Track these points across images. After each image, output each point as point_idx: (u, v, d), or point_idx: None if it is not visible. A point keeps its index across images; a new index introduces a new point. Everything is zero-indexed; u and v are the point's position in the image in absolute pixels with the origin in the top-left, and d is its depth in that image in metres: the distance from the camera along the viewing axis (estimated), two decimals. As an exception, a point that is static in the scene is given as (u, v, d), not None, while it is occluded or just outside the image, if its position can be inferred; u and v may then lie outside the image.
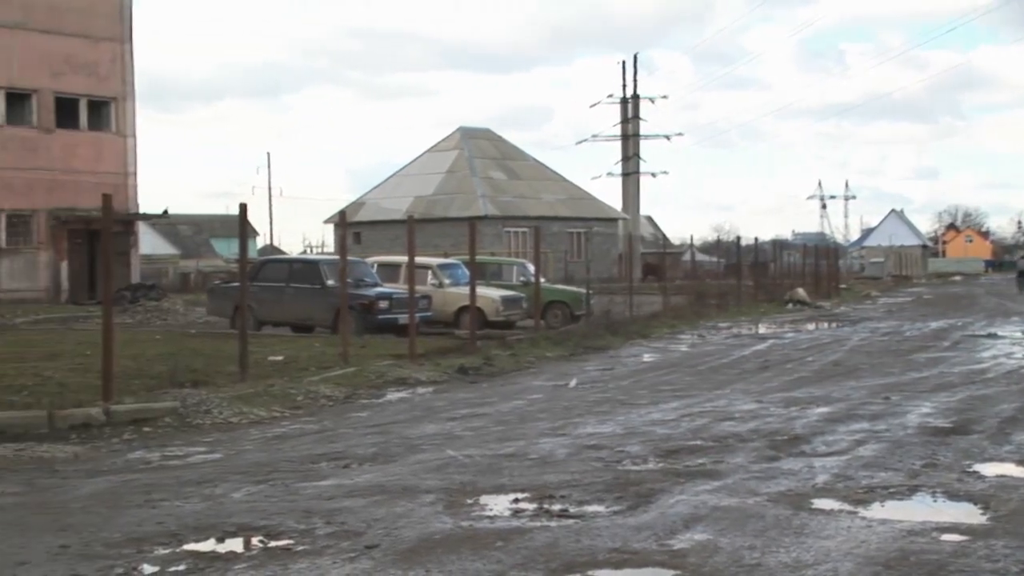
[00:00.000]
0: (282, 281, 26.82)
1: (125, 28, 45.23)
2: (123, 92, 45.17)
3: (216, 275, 55.22)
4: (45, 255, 42.64)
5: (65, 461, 10.91)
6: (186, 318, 33.01)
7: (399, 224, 52.81)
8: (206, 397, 14.26)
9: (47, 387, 14.99)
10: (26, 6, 41.93)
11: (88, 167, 43.15)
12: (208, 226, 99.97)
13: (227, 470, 10.24)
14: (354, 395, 16.11)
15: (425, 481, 9.46)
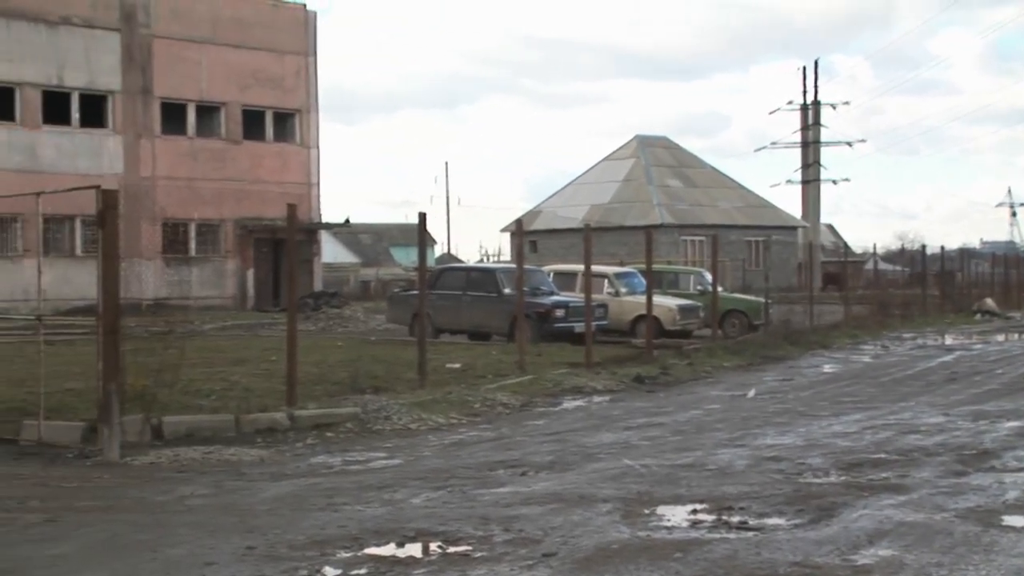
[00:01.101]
0: (459, 289, 27.08)
1: (309, 42, 46.40)
2: (307, 104, 46.34)
3: (395, 283, 56.15)
4: (232, 263, 43.96)
5: (251, 464, 11.18)
6: (366, 325, 33.61)
7: (575, 232, 52.84)
8: (386, 403, 14.46)
9: (234, 392, 15.40)
10: (214, 22, 43.34)
11: (273, 177, 44.36)
12: (388, 235, 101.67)
13: (406, 475, 10.36)
14: (530, 403, 16.16)
15: (602, 490, 9.41)
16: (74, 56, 40.11)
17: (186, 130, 43.31)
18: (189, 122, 43.36)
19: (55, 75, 39.72)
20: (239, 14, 44.17)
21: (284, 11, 45.93)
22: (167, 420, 12.54)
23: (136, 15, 41.58)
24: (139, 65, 41.69)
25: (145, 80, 41.89)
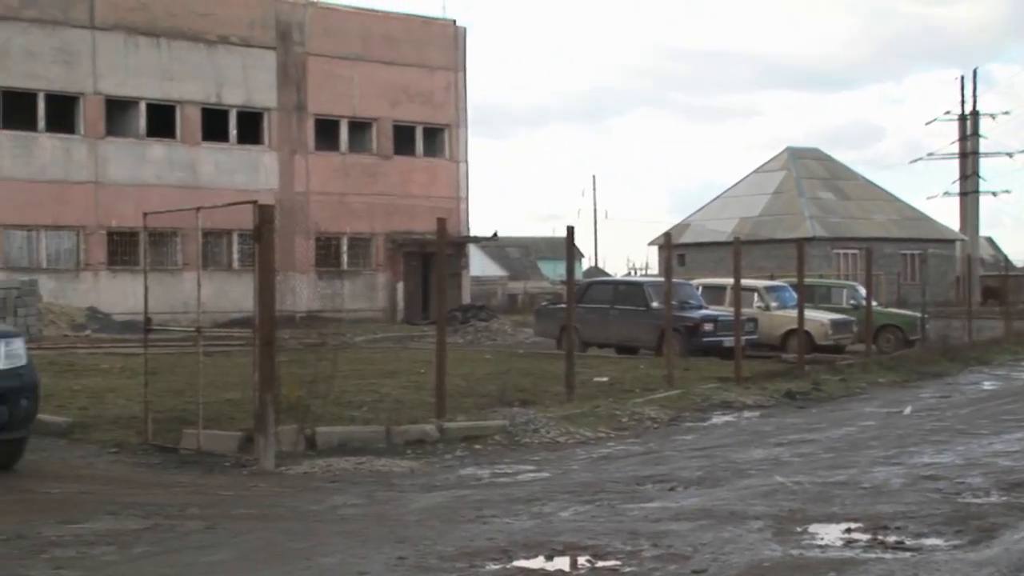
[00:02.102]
0: (607, 303, 27.04)
1: (459, 57, 46.92)
2: (456, 119, 46.84)
3: (543, 296, 56.28)
4: (383, 276, 44.60)
5: (401, 475, 11.31)
6: (514, 338, 33.76)
7: (724, 246, 52.36)
8: (534, 416, 14.49)
9: (385, 403, 15.60)
10: (366, 39, 44.10)
11: (423, 192, 44.91)
12: (535, 248, 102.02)
13: (555, 489, 10.37)
14: (679, 417, 16.04)
15: (753, 507, 9.29)
16: (232, 74, 41.20)
17: (339, 146, 44.12)
18: (341, 138, 44.17)
19: (214, 93, 40.84)
20: (390, 31, 44.87)
21: (434, 27, 46.51)
22: (320, 431, 12.75)
23: (291, 34, 42.54)
24: (294, 82, 42.63)
25: (299, 97, 42.81)
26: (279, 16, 42.32)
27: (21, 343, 11.00)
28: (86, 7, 37.98)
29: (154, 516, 9.14)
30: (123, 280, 37.48)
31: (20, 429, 10.82)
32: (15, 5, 36.63)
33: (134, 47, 38.98)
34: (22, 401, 10.67)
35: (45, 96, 37.42)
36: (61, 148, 37.87)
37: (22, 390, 10.70)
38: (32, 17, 36.92)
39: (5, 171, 36.58)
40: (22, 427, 10.85)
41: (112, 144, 38.82)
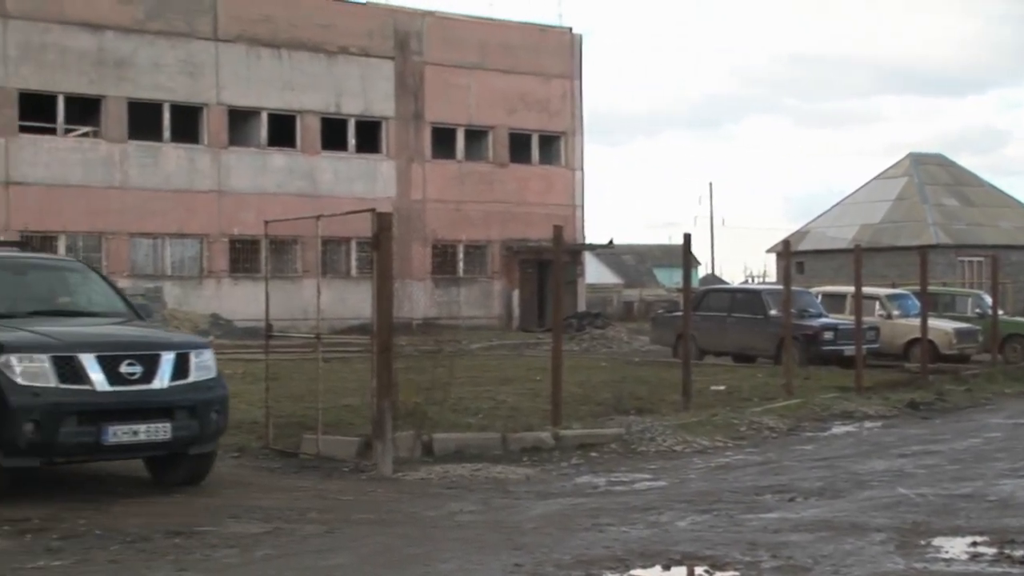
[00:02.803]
0: (724, 311, 26.82)
1: (575, 65, 46.94)
2: (572, 127, 46.84)
3: (659, 304, 55.99)
4: (498, 284, 44.76)
5: (517, 482, 11.33)
6: (630, 346, 33.65)
7: (844, 253, 51.54)
8: (650, 424, 14.42)
9: (501, 410, 15.65)
10: (482, 48, 44.33)
11: (539, 199, 44.98)
12: (651, 255, 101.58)
13: (671, 498, 10.31)
14: (798, 427, 15.83)
15: (874, 519, 9.13)
16: (351, 84, 41.70)
17: (455, 154, 44.39)
18: (458, 146, 44.44)
19: (333, 103, 41.37)
20: (507, 39, 45.06)
21: (551, 35, 46.58)
22: (437, 437, 12.84)
23: (409, 43, 42.94)
24: (411, 91, 43.02)
25: (417, 106, 43.18)
26: (397, 26, 42.75)
27: (210, 354, 10.81)
28: (210, 19, 38.78)
29: (275, 520, 9.29)
30: (244, 287, 38.15)
31: (210, 443, 10.68)
32: (141, 18, 37.53)
33: (256, 58, 39.68)
34: (212, 415, 10.48)
35: (170, 107, 38.25)
36: (185, 158, 38.67)
37: (212, 403, 10.50)
38: (158, 30, 37.79)
39: (132, 181, 37.47)
40: (211, 441, 10.71)
41: (234, 154, 39.55)
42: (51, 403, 9.66)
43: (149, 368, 10.13)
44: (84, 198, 36.20)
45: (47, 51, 35.89)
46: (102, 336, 10.51)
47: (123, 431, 9.90)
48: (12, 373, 9.66)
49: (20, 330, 10.15)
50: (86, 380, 9.82)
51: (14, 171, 35.42)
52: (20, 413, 9.56)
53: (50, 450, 9.80)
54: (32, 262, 12.33)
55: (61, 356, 9.83)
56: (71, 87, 36.49)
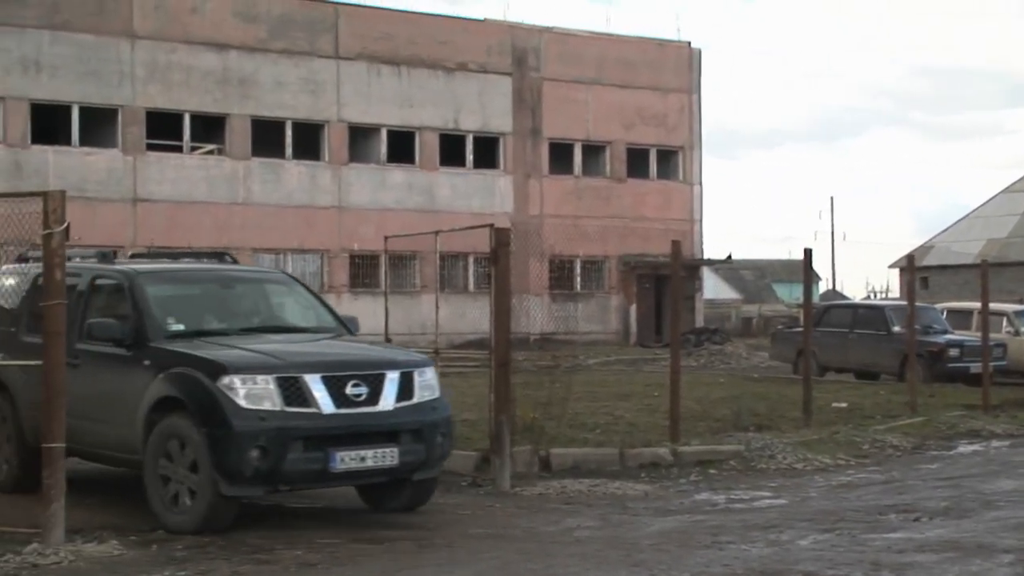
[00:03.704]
0: (846, 327, 26.43)
1: (693, 79, 46.71)
2: (690, 141, 46.60)
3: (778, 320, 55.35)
4: (616, 299, 44.65)
5: (636, 498, 11.26)
6: (748, 362, 33.31)
7: (970, 268, 50.47)
8: (770, 441, 14.25)
9: (618, 426, 15.58)
10: (600, 63, 44.33)
11: (656, 214, 44.78)
12: (770, 271, 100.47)
13: (792, 516, 10.16)
14: (922, 445, 15.51)
15: (1003, 540, 8.91)
16: (469, 100, 42.00)
17: (572, 169, 44.43)
18: (575, 161, 44.48)
19: (452, 119, 41.71)
20: (625, 55, 45.00)
21: (669, 50, 46.41)
22: (554, 452, 12.83)
23: (527, 59, 43.12)
24: (529, 107, 43.18)
25: (534, 122, 43.32)
26: (515, 42, 42.96)
27: (433, 372, 10.19)
28: (331, 38, 39.38)
29: (395, 533, 9.35)
30: (364, 302, 38.56)
31: (435, 468, 10.08)
32: (264, 37, 38.25)
33: (376, 75, 40.19)
34: (438, 438, 9.83)
35: (292, 124, 38.91)
36: (307, 174, 39.28)
37: (438, 425, 9.85)
38: (280, 48, 38.48)
39: (255, 197, 38.17)
40: (436, 466, 10.11)
41: (354, 170, 40.06)
42: (278, 428, 9.09)
43: (374, 389, 9.52)
44: (209, 214, 36.96)
45: (173, 71, 36.76)
46: (325, 355, 10.00)
47: (350, 457, 9.28)
48: (235, 395, 9.13)
49: (240, 349, 9.70)
50: (312, 403, 9.24)
51: (141, 188, 36.33)
52: (245, 438, 9.01)
53: (276, 478, 9.23)
54: (238, 275, 11.75)
55: (286, 377, 9.27)
56: (196, 105, 37.33)
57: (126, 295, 10.35)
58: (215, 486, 9.09)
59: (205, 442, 9.10)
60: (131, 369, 9.90)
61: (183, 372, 9.45)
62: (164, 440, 9.43)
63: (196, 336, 10.10)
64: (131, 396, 9.75)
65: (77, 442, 9.83)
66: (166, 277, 11.04)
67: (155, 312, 10.20)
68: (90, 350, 10.30)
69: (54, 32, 34.93)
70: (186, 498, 9.30)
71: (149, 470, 9.52)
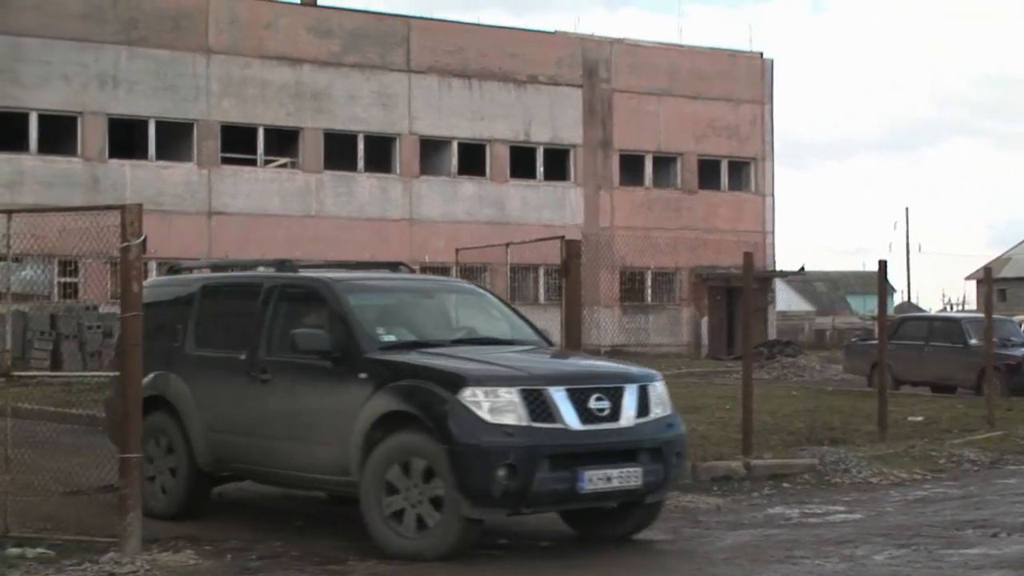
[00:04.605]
0: (921, 339, 26.09)
1: (766, 90, 46.44)
2: (762, 152, 46.33)
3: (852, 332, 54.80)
4: (687, 311, 44.44)
5: (707, 512, 11.19)
6: (822, 375, 32.97)
7: (1048, 280, 49.69)
8: (844, 455, 14.09)
9: (690, 439, 15.36)
10: (672, 74, 44.23)
11: (728, 226, 44.56)
12: (844, 282, 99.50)
13: (867, 531, 10.05)
14: (1000, 460, 15.25)
15: (1085, 558, 8.73)
16: (539, 112, 42.07)
17: (643, 181, 44.34)
18: (646, 173, 44.38)
19: (522, 131, 41.80)
20: (696, 66, 44.86)
21: (741, 60, 46.20)
22: (625, 465, 12.75)
23: (598, 71, 43.12)
24: (600, 119, 43.17)
25: (605, 133, 43.30)
26: (586, 54, 42.98)
27: (664, 387, 9.58)
28: (403, 52, 39.64)
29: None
30: (435, 313, 38.72)
31: (667, 490, 9.57)
32: (337, 51, 38.59)
33: (447, 88, 40.39)
34: (674, 457, 9.25)
35: (364, 137, 39.22)
36: (378, 187, 39.55)
37: (675, 444, 9.30)
38: (353, 62, 38.80)
39: (327, 209, 38.50)
40: (669, 488, 9.60)
41: (425, 182, 40.27)
42: (527, 445, 8.42)
43: (615, 403, 8.90)
44: (282, 227, 37.29)
45: (247, 85, 37.21)
46: (566, 366, 9.51)
47: (597, 477, 8.63)
48: (479, 409, 8.46)
49: (475, 360, 9.04)
50: (557, 417, 8.60)
51: (216, 201, 36.78)
52: (493, 456, 8.33)
53: (523, 499, 8.51)
54: (431, 285, 11.30)
55: (530, 390, 8.61)
56: (270, 119, 37.76)
57: (325, 305, 9.65)
58: (459, 508, 8.43)
59: (447, 460, 8.41)
60: (342, 383, 9.13)
61: (415, 385, 8.74)
62: (393, 459, 8.70)
63: (411, 347, 9.42)
64: (343, 412, 9.03)
65: (263, 464, 9.59)
66: (364, 286, 10.26)
67: (363, 322, 9.48)
68: (284, 362, 9.62)
69: (131, 48, 35.52)
70: (427, 520, 8.59)
71: (370, 492, 8.78)
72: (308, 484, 9.85)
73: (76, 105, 34.95)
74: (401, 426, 8.73)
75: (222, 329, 10.48)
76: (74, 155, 35.12)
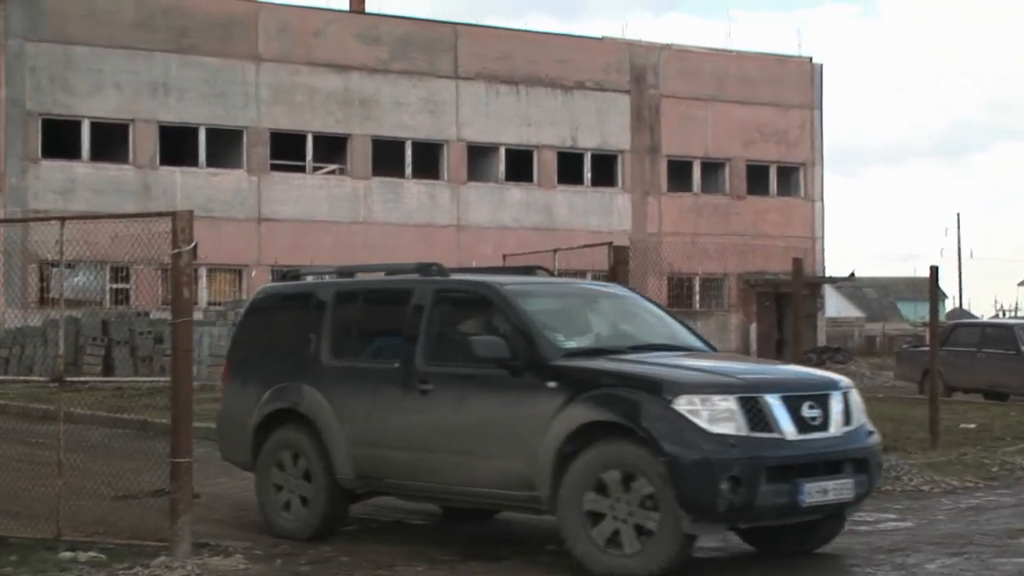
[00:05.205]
0: (974, 346, 25.84)
1: (815, 95, 46.19)
2: (811, 158, 46.06)
3: (903, 339, 54.40)
4: (735, 317, 44.24)
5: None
6: (872, 382, 32.72)
7: (1103, 286, 49.06)
8: (895, 463, 13.94)
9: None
10: (720, 79, 44.07)
11: (777, 232, 44.32)
12: (894, 289, 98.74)
13: (919, 539, 9.95)
14: (1056, 468, 15.06)
15: None
16: (587, 118, 42.04)
17: (691, 186, 44.20)
18: (694, 178, 44.24)
19: (569, 137, 41.78)
20: (744, 71, 44.68)
21: (790, 65, 45.98)
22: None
23: (646, 77, 43.04)
24: (647, 125, 43.08)
25: (653, 139, 43.20)
26: (634, 60, 42.91)
27: (858, 395, 9.15)
28: (451, 58, 39.75)
29: (507, 549, 9.34)
30: (483, 319, 38.77)
31: (863, 503, 9.10)
32: (385, 58, 38.75)
33: (495, 95, 40.45)
34: (875, 468, 8.86)
35: (412, 144, 39.34)
36: (426, 193, 39.66)
37: (876, 454, 8.92)
38: (401, 69, 38.95)
39: (375, 216, 38.64)
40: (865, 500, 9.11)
41: (473, 189, 40.34)
42: (750, 456, 7.97)
43: (824, 412, 8.49)
44: (330, 233, 37.47)
45: (296, 92, 37.43)
46: (776, 373, 9.06)
47: (816, 489, 8.22)
48: (698, 418, 7.98)
49: (683, 368, 8.64)
50: (774, 427, 8.16)
51: (266, 207, 37.01)
52: (718, 468, 7.85)
53: (746, 514, 8.05)
54: (592, 289, 10.69)
55: (746, 398, 8.16)
56: (319, 126, 37.96)
57: (494, 311, 9.08)
58: (679, 523, 7.92)
59: (666, 473, 7.89)
60: (526, 393, 8.57)
61: (619, 393, 8.21)
62: (595, 472, 8.17)
63: (594, 354, 8.91)
64: (527, 423, 8.48)
65: (423, 479, 9.09)
66: (532, 291, 9.60)
67: (543, 328, 8.95)
68: (449, 372, 9.09)
69: (182, 56, 35.83)
70: (637, 536, 8.05)
71: (568, 507, 8.24)
72: (477, 499, 9.21)
73: (127, 113, 35.29)
74: (603, 437, 8.20)
75: (365, 338, 9.96)
76: (126, 162, 35.47)
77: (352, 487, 9.62)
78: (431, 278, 9.67)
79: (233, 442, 10.41)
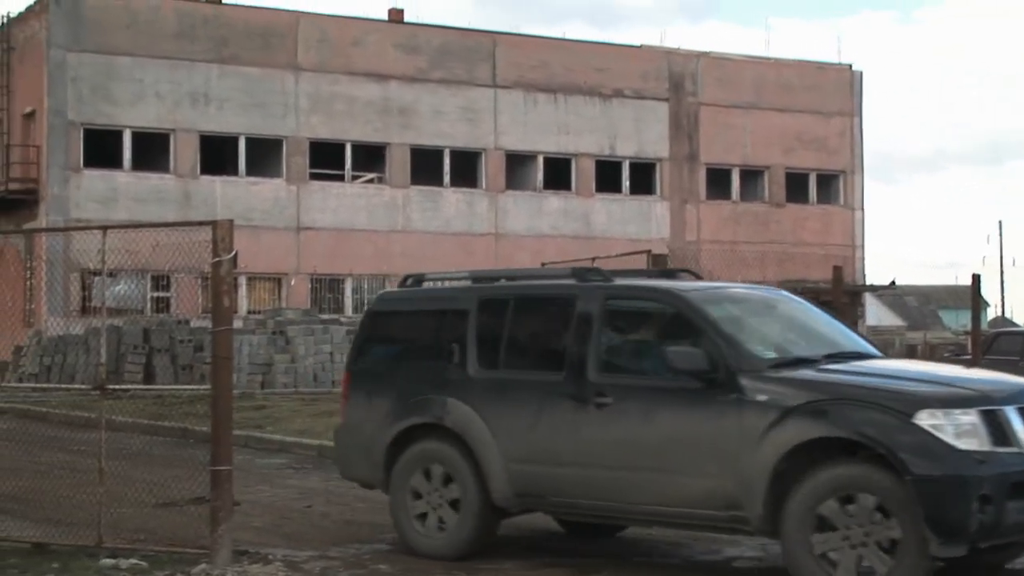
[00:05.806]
0: (1016, 355, 25.50)
1: (855, 102, 45.96)
2: (851, 165, 45.82)
3: (944, 347, 53.92)
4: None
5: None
6: (914, 390, 32.44)
7: None
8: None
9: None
10: (759, 87, 43.92)
11: (816, 240, 44.11)
12: (935, 297, 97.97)
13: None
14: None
15: None
16: (625, 127, 41.99)
17: (730, 194, 44.07)
18: (733, 186, 44.10)
19: (607, 145, 41.75)
20: (783, 78, 44.53)
21: (829, 73, 45.78)
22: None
23: (684, 85, 42.96)
24: (686, 133, 42.99)
25: (691, 147, 43.10)
26: (672, 68, 42.85)
27: None
28: (489, 67, 39.81)
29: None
30: (521, 328, 38.76)
31: None
32: (424, 67, 38.85)
33: (533, 103, 40.48)
34: None
35: (450, 152, 39.43)
36: (464, 201, 39.72)
37: None
38: (440, 78, 39.04)
39: (414, 224, 38.73)
40: None
41: (511, 197, 40.37)
42: (998, 472, 7.45)
43: None
44: (369, 241, 37.61)
45: (335, 101, 37.60)
46: (1004, 383, 8.37)
47: None
48: (943, 434, 7.48)
49: (911, 379, 8.18)
50: (1013, 440, 7.64)
51: (305, 216, 37.18)
52: (970, 486, 7.34)
53: (994, 532, 7.48)
54: (768, 296, 9.85)
55: (988, 411, 7.64)
56: (358, 135, 38.11)
57: (680, 319, 8.55)
58: (926, 546, 7.40)
59: (912, 494, 7.38)
60: (730, 406, 8.01)
61: (845, 408, 7.69)
62: (823, 495, 7.64)
63: (796, 364, 8.31)
64: (731, 439, 7.94)
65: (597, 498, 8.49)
66: (717, 297, 9.05)
67: (740, 338, 8.38)
68: (632, 385, 8.58)
69: (222, 66, 36.08)
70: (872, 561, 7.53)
71: (794, 531, 7.71)
72: (666, 518, 8.57)
73: (168, 122, 35.56)
74: (827, 455, 7.71)
75: (519, 347, 9.28)
76: (166, 171, 35.74)
77: (507, 505, 9.03)
78: (596, 283, 9.03)
79: (357, 458, 9.79)
